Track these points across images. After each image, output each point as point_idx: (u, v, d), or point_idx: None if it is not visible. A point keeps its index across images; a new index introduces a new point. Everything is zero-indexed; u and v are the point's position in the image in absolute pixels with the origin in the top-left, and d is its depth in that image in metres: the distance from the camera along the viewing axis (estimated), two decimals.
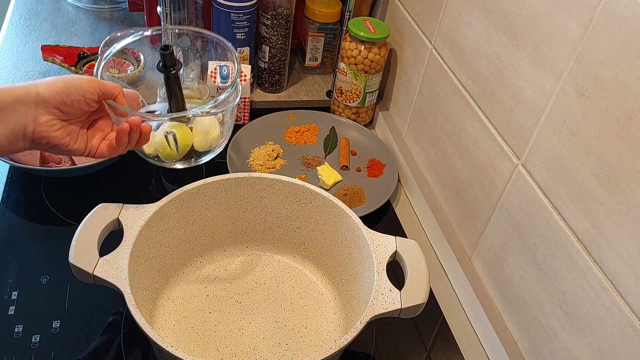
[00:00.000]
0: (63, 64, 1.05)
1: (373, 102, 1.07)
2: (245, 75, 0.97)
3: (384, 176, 0.97)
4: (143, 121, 0.64)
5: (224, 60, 0.92)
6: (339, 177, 0.95)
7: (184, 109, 0.75)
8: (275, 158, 0.98)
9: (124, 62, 1.11)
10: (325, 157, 1.00)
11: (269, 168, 0.96)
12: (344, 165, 0.98)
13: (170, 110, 0.76)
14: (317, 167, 0.96)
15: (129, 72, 1.07)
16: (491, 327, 0.73)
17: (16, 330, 0.68)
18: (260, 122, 1.02)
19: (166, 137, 0.75)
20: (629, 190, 0.52)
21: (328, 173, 0.95)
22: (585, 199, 0.58)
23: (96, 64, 0.72)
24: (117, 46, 0.74)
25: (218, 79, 0.90)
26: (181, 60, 1.02)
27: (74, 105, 0.58)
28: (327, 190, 0.87)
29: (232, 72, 0.92)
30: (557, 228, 0.62)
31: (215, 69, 0.93)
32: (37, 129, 0.56)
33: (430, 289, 0.65)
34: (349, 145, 1.02)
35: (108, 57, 0.73)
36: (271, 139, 1.01)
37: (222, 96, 0.72)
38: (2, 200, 0.84)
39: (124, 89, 0.64)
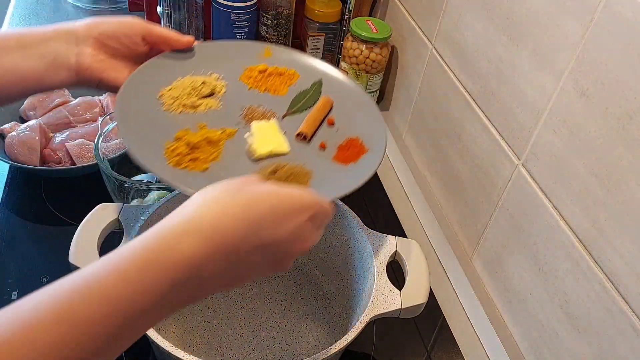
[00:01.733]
0: None
1: None
2: None
3: (355, 165, 0.59)
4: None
5: None
6: (282, 148, 0.59)
7: None
8: (207, 96, 0.63)
9: None
10: (284, 116, 0.64)
11: (184, 106, 0.61)
12: (301, 134, 0.61)
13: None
14: (251, 124, 0.61)
15: None
16: (491, 327, 0.73)
17: None
18: (214, 46, 0.69)
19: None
20: (630, 190, 0.52)
21: (265, 136, 0.59)
22: (586, 199, 0.58)
23: (96, 138, 0.78)
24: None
25: None
26: None
27: (118, 40, 0.59)
28: (255, 162, 0.58)
29: None
30: (557, 228, 0.62)
31: None
32: (79, 60, 0.57)
33: (430, 289, 0.65)
34: (329, 111, 0.65)
35: (107, 131, 0.80)
36: (218, 71, 0.66)
37: None
38: (2, 200, 0.84)
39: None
